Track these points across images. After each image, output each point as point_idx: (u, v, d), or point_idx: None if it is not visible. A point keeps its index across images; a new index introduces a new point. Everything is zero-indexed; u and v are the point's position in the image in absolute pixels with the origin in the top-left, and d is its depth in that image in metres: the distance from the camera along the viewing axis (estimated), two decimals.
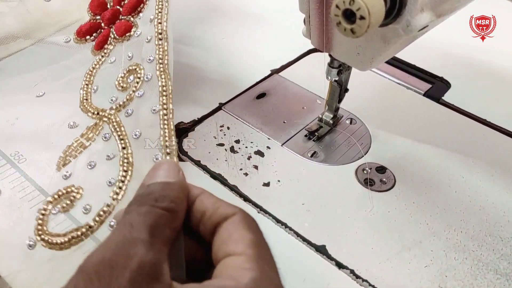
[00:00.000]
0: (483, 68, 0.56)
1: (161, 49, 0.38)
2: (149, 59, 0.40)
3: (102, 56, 0.44)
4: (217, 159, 0.44)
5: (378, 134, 0.47)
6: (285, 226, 0.38)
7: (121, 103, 0.39)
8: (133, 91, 0.39)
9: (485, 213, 0.40)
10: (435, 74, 0.55)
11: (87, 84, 0.43)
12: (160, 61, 0.37)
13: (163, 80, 0.36)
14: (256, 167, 0.43)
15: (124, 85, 0.40)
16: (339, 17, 0.28)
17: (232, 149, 0.45)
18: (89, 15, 0.48)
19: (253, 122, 0.48)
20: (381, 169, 0.43)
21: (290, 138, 0.46)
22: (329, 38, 0.37)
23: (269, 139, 0.46)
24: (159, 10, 0.40)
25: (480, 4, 0.46)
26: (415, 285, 0.35)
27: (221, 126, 0.47)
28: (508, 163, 0.44)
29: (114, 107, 0.39)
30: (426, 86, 0.53)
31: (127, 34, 0.44)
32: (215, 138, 0.46)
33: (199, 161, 0.43)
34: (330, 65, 0.41)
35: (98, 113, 0.40)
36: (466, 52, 0.58)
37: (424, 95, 0.52)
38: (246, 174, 0.43)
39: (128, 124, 0.38)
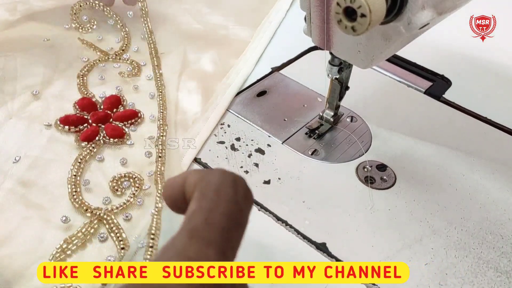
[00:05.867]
0: (484, 66, 0.56)
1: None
2: (149, 173, 0.41)
3: (90, 151, 0.43)
4: (217, 156, 0.44)
5: (379, 132, 0.47)
6: (286, 223, 0.38)
7: (117, 205, 0.39)
8: (132, 198, 0.39)
9: (485, 211, 0.40)
10: (436, 72, 0.55)
11: (75, 175, 0.40)
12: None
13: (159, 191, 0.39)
14: (256, 165, 0.43)
15: (118, 188, 0.40)
16: (340, 15, 0.28)
17: (233, 147, 0.45)
18: (75, 109, 0.47)
19: (253, 120, 0.48)
20: (382, 167, 0.43)
21: (290, 136, 0.46)
22: (330, 36, 0.37)
23: (269, 137, 0.46)
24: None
25: (480, 4, 0.47)
26: (415, 283, 0.35)
27: (221, 124, 0.47)
28: (509, 160, 0.44)
29: (109, 208, 0.38)
30: (427, 84, 0.53)
31: (119, 139, 0.44)
32: (216, 136, 0.46)
33: (200, 158, 0.44)
34: (331, 63, 0.41)
35: (92, 211, 0.38)
36: (466, 51, 0.58)
37: (425, 93, 0.52)
38: (246, 172, 0.43)
39: (127, 227, 0.38)
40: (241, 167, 0.43)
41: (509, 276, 0.35)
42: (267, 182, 0.42)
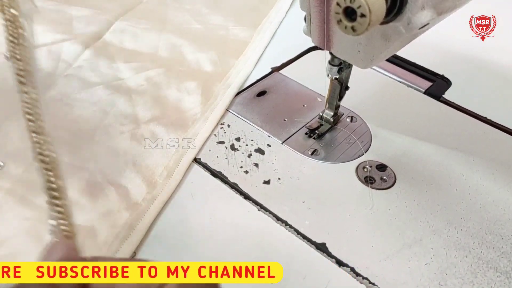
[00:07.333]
0: (483, 66, 0.56)
1: None
2: None
3: None
4: (217, 156, 0.44)
5: (379, 132, 0.47)
6: (286, 224, 0.38)
7: None
8: None
9: (485, 211, 0.40)
10: (435, 72, 0.55)
11: None
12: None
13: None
14: (256, 165, 0.43)
15: None
16: (340, 15, 0.28)
17: (233, 147, 0.45)
18: None
19: (253, 120, 0.48)
20: (382, 167, 0.43)
21: (290, 136, 0.46)
22: (330, 36, 0.37)
23: (269, 137, 0.46)
24: None
25: (480, 4, 0.47)
26: (415, 283, 0.35)
27: (221, 124, 0.47)
28: (509, 161, 0.44)
29: None
30: (427, 84, 0.53)
31: None
32: (216, 136, 0.46)
33: (200, 158, 0.44)
34: (331, 63, 0.41)
35: None
36: (466, 51, 0.58)
37: (424, 93, 0.52)
38: (246, 172, 0.43)
39: None
40: (241, 167, 0.43)
41: (509, 276, 0.35)
42: (267, 182, 0.42)
